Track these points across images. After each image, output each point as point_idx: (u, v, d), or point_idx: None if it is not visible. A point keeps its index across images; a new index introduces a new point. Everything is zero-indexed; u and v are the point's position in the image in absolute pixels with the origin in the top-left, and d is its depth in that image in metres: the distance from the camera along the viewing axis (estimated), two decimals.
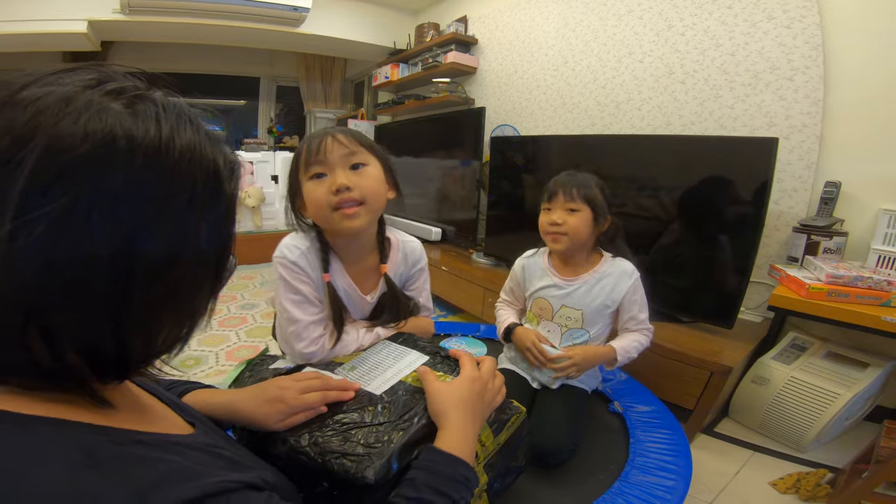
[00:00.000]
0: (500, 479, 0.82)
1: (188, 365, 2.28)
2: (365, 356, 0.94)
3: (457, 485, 0.59)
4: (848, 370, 1.68)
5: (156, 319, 0.39)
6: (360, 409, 0.74)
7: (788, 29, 1.92)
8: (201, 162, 0.38)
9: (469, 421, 0.69)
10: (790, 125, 1.95)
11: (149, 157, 0.35)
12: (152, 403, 0.50)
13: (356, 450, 0.66)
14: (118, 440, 0.36)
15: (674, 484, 1.06)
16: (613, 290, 1.31)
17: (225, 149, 0.42)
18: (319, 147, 0.92)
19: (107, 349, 0.36)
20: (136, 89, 0.37)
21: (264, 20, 3.85)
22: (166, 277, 0.37)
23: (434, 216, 3.63)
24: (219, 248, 0.42)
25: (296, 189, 0.98)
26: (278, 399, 0.72)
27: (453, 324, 1.93)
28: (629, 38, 2.54)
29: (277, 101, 6.02)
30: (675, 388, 1.75)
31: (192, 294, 0.41)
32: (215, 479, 0.37)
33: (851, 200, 1.82)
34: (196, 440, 0.46)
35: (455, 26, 3.63)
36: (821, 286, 1.60)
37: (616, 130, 2.64)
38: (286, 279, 0.97)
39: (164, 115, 0.37)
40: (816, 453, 1.68)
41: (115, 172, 0.33)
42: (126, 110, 0.35)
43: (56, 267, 0.32)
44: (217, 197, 0.40)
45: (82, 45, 3.74)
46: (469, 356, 0.81)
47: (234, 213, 0.44)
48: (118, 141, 0.33)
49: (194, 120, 0.39)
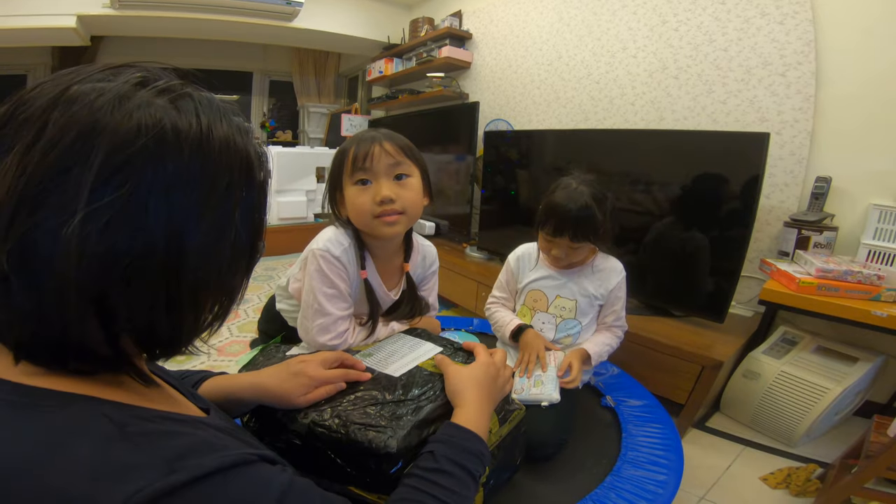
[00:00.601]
0: (497, 476, 0.84)
1: (178, 360, 2.27)
2: (381, 345, 0.97)
3: (473, 458, 0.62)
4: (837, 365, 1.69)
5: (202, 299, 0.42)
6: (380, 389, 0.78)
7: (781, 25, 1.93)
8: (236, 152, 0.42)
9: (484, 401, 0.73)
10: (782, 120, 1.96)
11: (194, 149, 0.38)
12: (171, 390, 0.53)
13: (379, 422, 0.69)
14: (148, 416, 0.39)
15: (666, 478, 1.06)
16: (603, 284, 1.34)
17: (254, 140, 0.45)
18: (367, 155, 0.94)
19: (161, 329, 0.40)
20: (178, 87, 0.40)
21: (257, 14, 3.82)
22: (211, 259, 0.41)
23: (428, 210, 3.60)
24: (253, 231, 0.45)
25: (337, 186, 1.00)
26: (301, 373, 0.75)
27: (447, 318, 1.93)
28: (623, 34, 2.54)
29: (270, 96, 5.99)
30: (667, 383, 1.76)
31: (231, 274, 0.45)
32: (238, 451, 0.39)
33: (842, 195, 1.83)
34: (212, 421, 0.48)
35: (449, 21, 3.61)
36: (811, 280, 1.61)
37: (609, 125, 2.64)
38: (325, 272, 0.99)
39: (202, 109, 0.40)
40: (807, 448, 1.69)
41: (167, 163, 0.36)
42: (171, 105, 0.38)
43: (118, 252, 0.35)
44: (251, 184, 0.44)
45: (71, 40, 3.71)
46: (483, 346, 0.85)
47: (266, 198, 0.47)
48: (167, 134, 0.36)
49: (226, 113, 0.42)
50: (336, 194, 1.01)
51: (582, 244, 1.25)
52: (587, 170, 1.37)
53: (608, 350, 1.34)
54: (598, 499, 0.99)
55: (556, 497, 1.01)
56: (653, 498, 1.00)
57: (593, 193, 1.23)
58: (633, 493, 1.01)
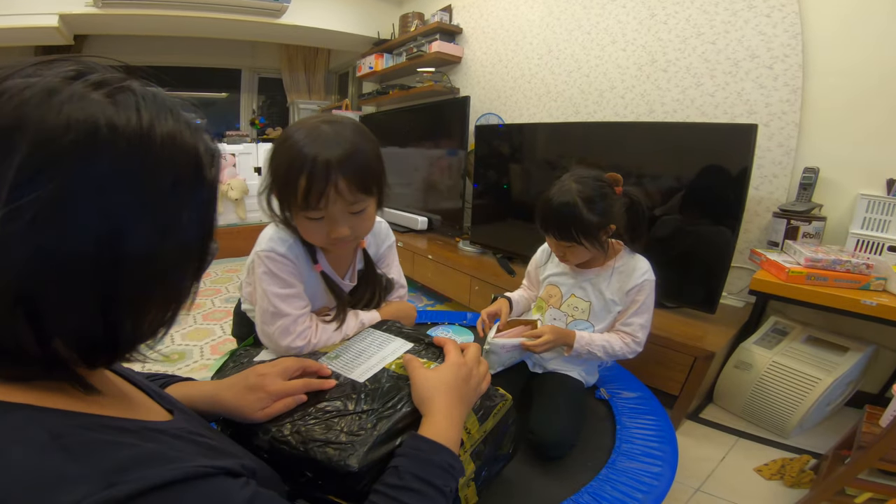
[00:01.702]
0: (488, 468, 0.82)
1: (173, 360, 2.26)
2: (349, 344, 0.93)
3: (441, 472, 0.59)
4: (828, 354, 1.71)
5: (143, 303, 0.40)
6: (343, 398, 0.73)
7: (768, 18, 1.93)
8: (183, 148, 0.39)
9: (454, 407, 0.69)
10: (770, 112, 1.97)
11: (132, 145, 0.35)
12: (131, 391, 0.51)
13: (339, 438, 0.66)
14: (90, 425, 0.37)
15: (660, 470, 1.06)
16: (622, 286, 1.25)
17: (205, 136, 0.43)
18: (321, 197, 0.82)
19: (96, 333, 0.37)
20: (116, 80, 0.37)
21: (244, 11, 3.78)
22: (153, 261, 0.38)
23: (420, 205, 3.62)
24: (202, 233, 0.43)
25: (281, 202, 0.90)
26: (258, 387, 0.71)
27: (440, 312, 1.93)
28: (612, 27, 2.54)
29: (260, 93, 5.94)
30: (661, 374, 1.77)
31: (177, 277, 0.42)
32: (189, 465, 0.37)
33: (830, 185, 1.85)
34: (174, 426, 0.47)
35: (440, 16, 3.60)
36: (800, 270, 1.62)
37: (600, 118, 2.64)
38: (275, 273, 0.93)
39: (143, 104, 0.37)
40: (800, 439, 1.71)
41: (99, 160, 0.34)
42: (107, 100, 0.36)
43: (46, 252, 0.33)
44: (199, 182, 0.41)
45: (54, 39, 3.66)
46: (453, 343, 0.80)
47: (216, 198, 0.45)
48: (101, 129, 0.34)
49: (174, 109, 0.40)
50: (283, 206, 0.92)
51: (574, 244, 1.19)
52: (580, 164, 1.34)
53: (603, 346, 1.24)
54: (593, 491, 1.00)
55: (552, 490, 1.01)
56: (648, 490, 1.00)
57: (582, 191, 1.17)
58: (628, 485, 1.02)
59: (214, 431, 0.58)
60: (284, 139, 0.86)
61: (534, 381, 1.33)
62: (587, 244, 1.19)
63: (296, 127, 0.87)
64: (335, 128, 0.85)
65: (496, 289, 2.45)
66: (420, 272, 3.16)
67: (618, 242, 1.29)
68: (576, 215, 1.16)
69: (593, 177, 1.21)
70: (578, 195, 1.16)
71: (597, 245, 1.20)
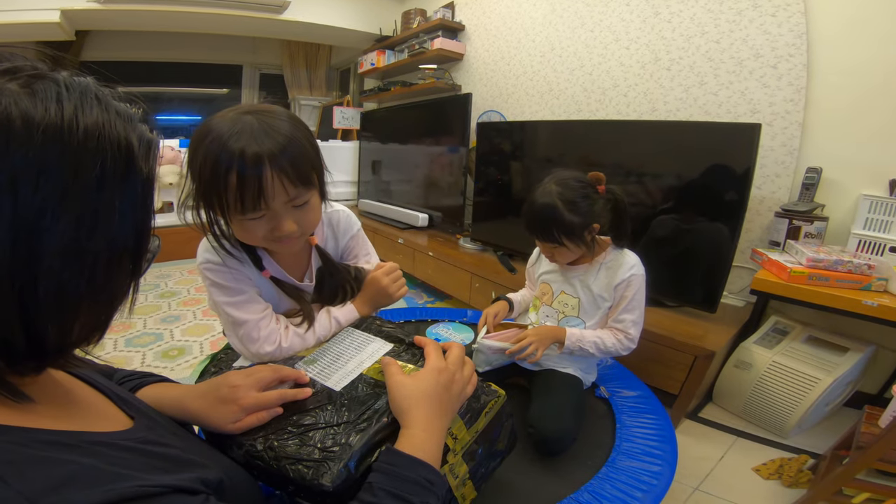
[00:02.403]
0: (485, 465, 0.80)
1: (171, 356, 2.26)
2: (326, 347, 0.90)
3: (418, 488, 0.56)
4: (828, 355, 1.71)
5: (69, 307, 0.37)
6: (319, 409, 0.71)
7: (773, 17, 1.93)
8: (110, 140, 0.37)
9: (434, 417, 0.65)
10: (773, 112, 1.96)
11: (49, 137, 0.33)
12: (87, 397, 0.48)
13: (313, 455, 0.63)
14: (19, 440, 0.34)
15: (660, 469, 1.06)
16: (609, 281, 1.26)
17: (140, 127, 0.40)
18: (258, 194, 0.74)
19: (16, 340, 0.34)
20: (33, 69, 0.35)
21: (246, 7, 3.77)
22: (78, 263, 0.36)
23: (421, 202, 3.62)
24: (136, 230, 0.40)
25: (208, 205, 0.80)
26: (231, 399, 0.68)
27: (440, 309, 1.92)
28: (616, 25, 2.53)
29: (261, 90, 5.93)
30: (661, 373, 1.77)
31: (108, 280, 0.40)
32: (130, 484, 0.35)
33: (832, 186, 1.84)
34: (130, 436, 0.45)
35: (442, 12, 3.59)
36: (802, 270, 1.62)
37: (602, 116, 2.64)
38: (217, 283, 0.88)
39: (66, 95, 0.35)
40: (798, 439, 1.71)
41: (11, 154, 0.31)
42: (23, 90, 0.33)
43: None
44: (130, 176, 0.39)
45: (55, 35, 3.65)
46: (435, 344, 0.75)
47: (152, 192, 0.42)
48: (14, 122, 0.32)
49: (102, 98, 0.38)
50: (213, 218, 0.83)
51: (557, 244, 1.21)
52: (582, 161, 1.35)
53: (595, 342, 1.24)
54: (593, 490, 1.00)
55: (551, 488, 1.01)
56: (647, 489, 1.00)
57: (563, 193, 1.18)
58: (627, 483, 1.02)
59: (184, 437, 0.57)
60: (205, 135, 0.75)
61: (532, 378, 1.33)
62: (570, 244, 1.21)
63: (217, 119, 0.76)
64: (260, 117, 0.76)
65: (496, 286, 2.45)
66: (420, 269, 3.16)
67: (605, 239, 1.30)
68: (557, 217, 1.18)
69: (574, 178, 1.22)
70: (559, 197, 1.19)
71: (581, 244, 1.22)
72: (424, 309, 1.92)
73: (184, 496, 0.39)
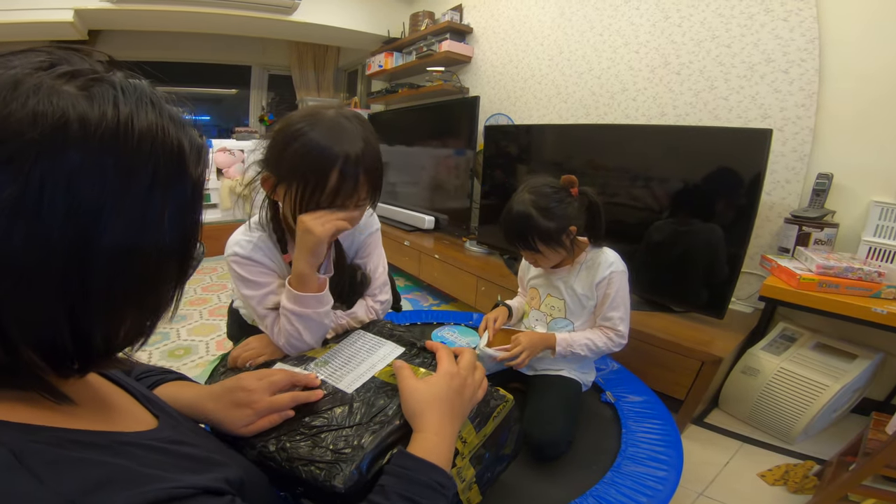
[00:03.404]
0: (491, 469, 0.81)
1: (178, 355, 2.27)
2: (338, 349, 0.91)
3: (430, 492, 0.56)
4: (836, 361, 1.69)
5: (117, 311, 0.38)
6: (331, 410, 0.72)
7: (785, 21, 1.92)
8: (164, 144, 0.37)
9: (447, 421, 0.66)
10: (784, 117, 1.95)
11: (105, 141, 0.33)
12: (115, 396, 0.48)
13: (325, 456, 0.64)
14: (58, 441, 0.35)
15: (665, 474, 1.06)
16: (591, 280, 1.27)
17: (191, 132, 0.40)
18: (355, 191, 0.85)
19: (64, 343, 0.35)
20: (92, 72, 0.35)
21: (256, 8, 3.79)
22: (127, 266, 0.36)
23: (427, 205, 3.63)
24: (184, 235, 0.41)
25: (297, 195, 0.86)
26: (245, 403, 0.69)
27: (446, 312, 1.93)
28: (625, 29, 2.53)
29: (269, 90, 5.96)
30: (667, 378, 1.76)
31: (155, 284, 0.40)
32: (162, 486, 0.36)
33: (843, 192, 1.83)
34: (157, 436, 0.45)
35: (450, 15, 3.60)
36: (812, 277, 1.61)
37: (611, 120, 2.63)
38: (244, 276, 0.94)
39: (122, 98, 0.35)
40: (804, 445, 1.70)
41: (68, 157, 0.32)
42: (81, 93, 0.34)
43: (9, 255, 0.31)
44: (181, 180, 0.39)
45: (68, 34, 3.68)
46: (446, 349, 0.76)
47: (201, 197, 0.43)
48: (71, 125, 0.32)
49: (157, 102, 0.38)
50: (278, 188, 0.89)
51: (535, 252, 1.23)
52: (588, 165, 1.35)
53: (586, 344, 1.25)
54: (598, 495, 1.00)
55: (557, 493, 1.01)
56: (653, 494, 1.00)
57: (536, 200, 1.20)
58: (633, 489, 1.01)
59: (204, 437, 0.57)
60: (298, 133, 0.83)
61: (528, 383, 1.34)
62: (548, 250, 1.23)
63: (308, 120, 0.84)
64: (353, 123, 0.86)
65: (502, 289, 2.44)
66: (426, 271, 3.16)
67: (584, 240, 1.30)
68: (532, 225, 1.20)
69: (547, 184, 1.24)
70: (532, 205, 1.20)
71: (560, 248, 1.23)
72: (430, 312, 1.92)
73: (212, 497, 0.39)
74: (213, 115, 5.88)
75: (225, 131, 5.43)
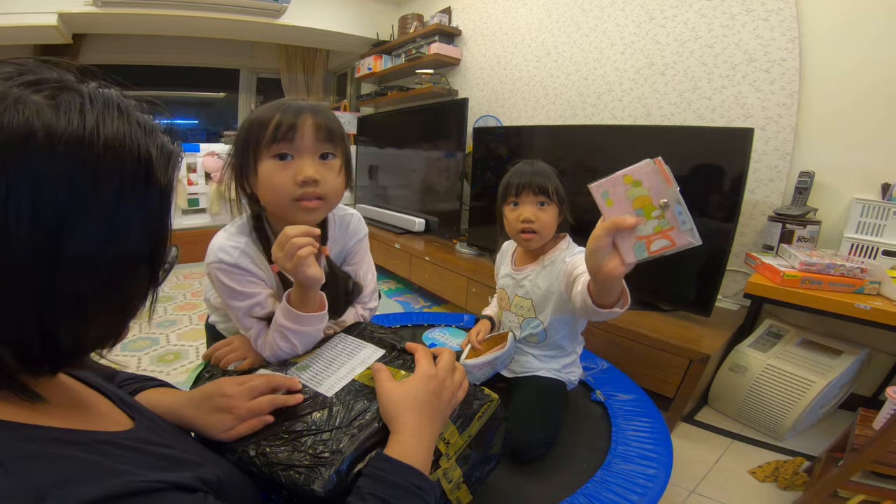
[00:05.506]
0: (479, 469, 0.80)
1: (167, 360, 2.26)
2: (318, 353, 0.90)
3: (407, 494, 0.56)
4: (822, 358, 1.72)
5: (85, 313, 0.38)
6: (311, 414, 0.72)
7: (766, 21, 1.94)
8: (132, 152, 0.38)
9: (425, 423, 0.65)
10: (766, 116, 1.98)
11: (71, 149, 0.34)
12: (91, 398, 0.49)
13: (304, 461, 0.64)
14: (31, 437, 0.35)
15: (655, 472, 1.07)
16: (554, 273, 1.25)
17: (161, 138, 0.41)
18: (293, 127, 0.83)
19: (32, 343, 0.36)
20: (58, 81, 0.36)
21: (243, 11, 3.77)
22: (94, 271, 0.37)
23: (418, 207, 3.63)
24: (153, 240, 0.41)
25: (248, 161, 0.86)
26: (225, 409, 0.69)
27: (437, 314, 1.93)
28: (611, 30, 2.55)
29: (258, 94, 5.92)
30: (656, 377, 1.78)
31: (125, 288, 0.41)
32: (132, 479, 0.36)
33: (825, 190, 1.86)
34: (132, 436, 0.45)
35: (439, 17, 3.61)
36: (795, 274, 1.63)
37: (598, 121, 2.65)
38: (228, 285, 0.89)
39: (89, 106, 0.36)
40: (794, 441, 1.72)
41: (33, 164, 0.32)
42: (47, 102, 0.34)
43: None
44: (149, 186, 0.40)
45: (53, 38, 3.65)
46: (425, 350, 0.76)
47: (170, 202, 0.43)
48: (36, 133, 0.33)
49: (125, 109, 0.39)
50: (246, 170, 0.88)
51: (546, 200, 1.22)
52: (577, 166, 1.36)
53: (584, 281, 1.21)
54: (588, 493, 1.00)
55: (547, 492, 1.01)
56: (643, 492, 1.00)
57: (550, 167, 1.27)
58: (623, 487, 1.02)
59: (183, 440, 0.57)
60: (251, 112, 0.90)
61: (512, 384, 1.33)
62: (553, 209, 1.23)
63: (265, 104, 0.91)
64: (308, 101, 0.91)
65: (492, 291, 2.44)
66: (417, 274, 3.16)
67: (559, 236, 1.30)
68: (555, 178, 1.24)
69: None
70: (552, 168, 1.26)
71: (559, 215, 1.25)
72: (421, 314, 1.92)
73: (182, 493, 0.39)
74: (202, 118, 5.83)
75: (213, 135, 5.39)
